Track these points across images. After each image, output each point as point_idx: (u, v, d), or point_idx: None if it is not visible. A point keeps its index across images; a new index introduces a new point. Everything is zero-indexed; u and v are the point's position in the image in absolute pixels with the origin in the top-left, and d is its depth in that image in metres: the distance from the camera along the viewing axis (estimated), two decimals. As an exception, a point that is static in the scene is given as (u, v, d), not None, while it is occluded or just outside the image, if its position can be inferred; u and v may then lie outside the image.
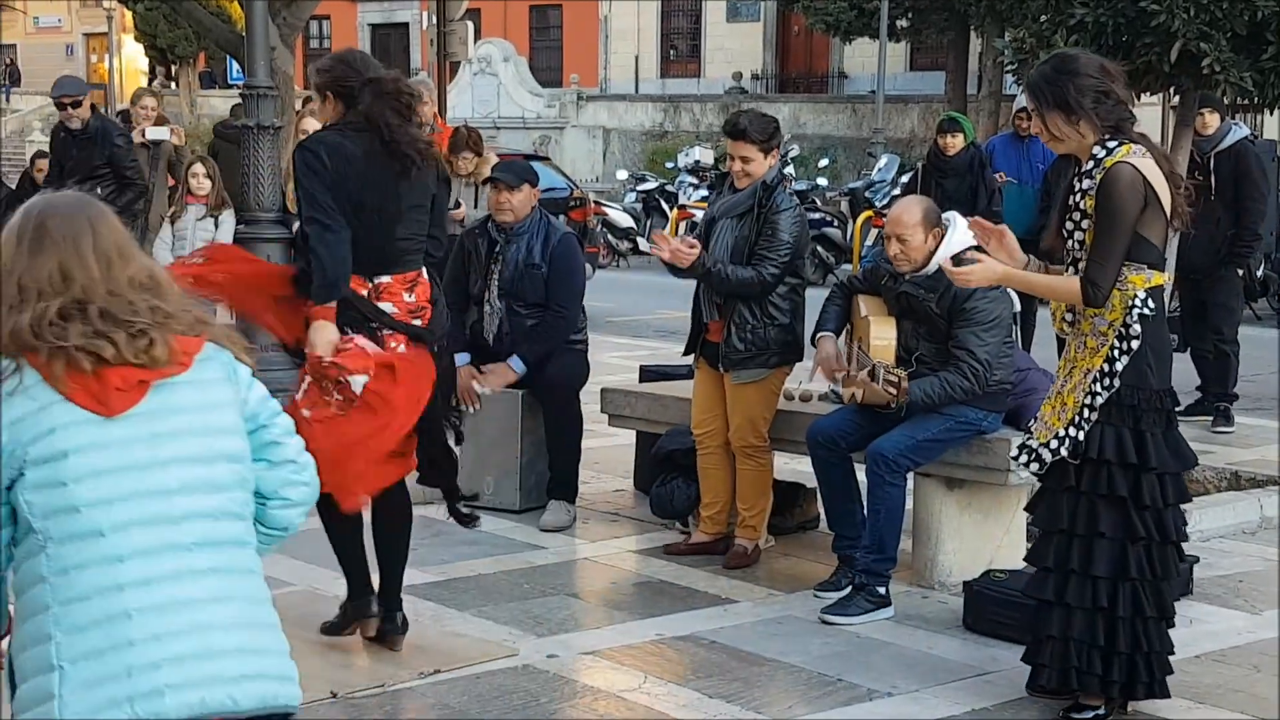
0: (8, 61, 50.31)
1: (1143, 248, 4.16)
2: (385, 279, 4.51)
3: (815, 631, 5.14)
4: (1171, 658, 4.35)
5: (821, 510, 6.10)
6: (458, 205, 8.37)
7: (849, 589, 5.35)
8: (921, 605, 5.44)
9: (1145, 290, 4.17)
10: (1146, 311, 4.16)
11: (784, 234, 5.73)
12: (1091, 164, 4.18)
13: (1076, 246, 4.22)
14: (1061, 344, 4.51)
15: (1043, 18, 8.35)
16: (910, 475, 5.45)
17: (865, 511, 5.44)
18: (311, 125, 9.83)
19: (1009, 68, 9.17)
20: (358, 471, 4.38)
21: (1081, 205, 4.19)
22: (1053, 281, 4.31)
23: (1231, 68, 7.80)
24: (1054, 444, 4.24)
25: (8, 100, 42.88)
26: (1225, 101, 8.49)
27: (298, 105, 11.18)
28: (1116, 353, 4.16)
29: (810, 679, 4.69)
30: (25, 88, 46.48)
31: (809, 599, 5.47)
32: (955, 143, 9.51)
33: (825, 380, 5.70)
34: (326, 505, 4.72)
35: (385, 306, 4.50)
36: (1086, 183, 4.18)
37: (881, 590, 5.29)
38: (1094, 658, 4.25)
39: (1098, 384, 4.18)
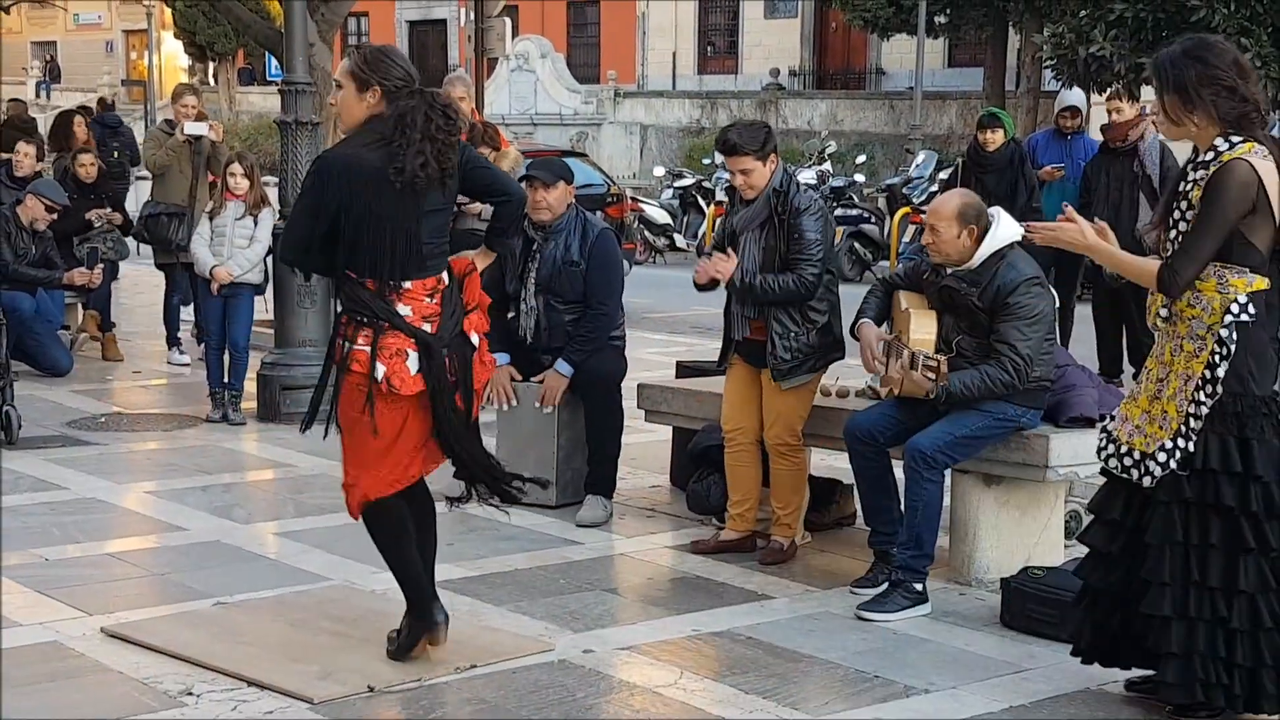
0: (48, 58, 50.76)
1: (1247, 251, 4.03)
2: (407, 285, 4.49)
3: (852, 628, 5.13)
4: None
5: (858, 506, 6.09)
6: (473, 200, 8.39)
7: (886, 585, 5.34)
8: (959, 602, 5.42)
9: (1246, 295, 4.03)
10: (1245, 317, 4.03)
11: (811, 234, 5.73)
12: (1210, 154, 4.04)
13: (1179, 237, 4.08)
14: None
15: (1082, 13, 8.33)
16: (948, 472, 5.44)
17: (902, 508, 5.42)
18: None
19: (1048, 63, 9.12)
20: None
21: (1190, 195, 4.05)
22: (1136, 260, 4.19)
23: (1273, 63, 7.74)
24: (1162, 456, 4.12)
25: (48, 97, 43.23)
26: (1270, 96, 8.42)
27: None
28: (1217, 358, 4.03)
29: (847, 675, 4.68)
30: (65, 84, 46.89)
31: (845, 595, 5.46)
32: (995, 138, 9.48)
33: (869, 368, 5.66)
34: (377, 521, 4.69)
35: (402, 309, 4.47)
36: (1199, 172, 4.04)
37: (919, 587, 5.28)
38: (1218, 669, 4.08)
39: (1200, 391, 4.06)
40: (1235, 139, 4.02)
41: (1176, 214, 4.11)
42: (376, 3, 41.39)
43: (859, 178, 22.65)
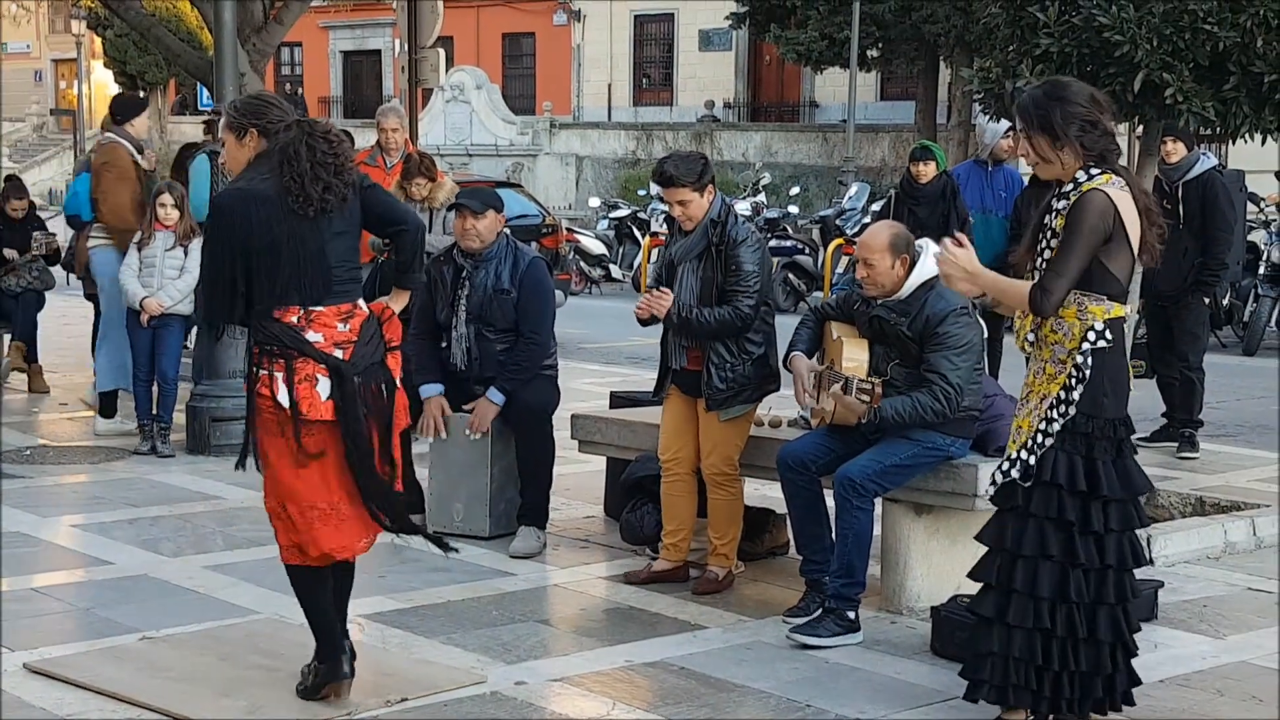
0: (-24, 88, 50.11)
1: (1106, 279, 4.22)
2: (319, 309, 4.49)
3: (784, 657, 5.15)
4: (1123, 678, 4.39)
5: (791, 536, 6.11)
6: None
7: (818, 612, 5.36)
8: (890, 630, 5.45)
9: (1104, 321, 4.21)
10: (1103, 344, 4.21)
11: (748, 265, 5.77)
12: (1070, 186, 4.24)
13: (1044, 265, 4.27)
14: None
15: (1009, 48, 8.42)
16: (878, 500, 5.48)
17: (834, 536, 5.45)
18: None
19: (976, 97, 9.26)
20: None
21: (1053, 225, 4.25)
22: (1010, 284, 4.36)
23: (1194, 98, 7.87)
24: (1005, 465, 4.32)
25: (-25, 127, 42.66)
26: (1190, 130, 8.56)
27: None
28: (1073, 380, 4.22)
29: (779, 704, 4.69)
30: (-6, 114, 46.28)
31: (778, 625, 5.47)
32: (928, 171, 9.57)
33: (800, 401, 5.71)
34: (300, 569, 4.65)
35: (312, 335, 4.46)
36: (1061, 203, 4.24)
37: (851, 615, 5.30)
38: (1030, 674, 4.30)
39: (1054, 410, 4.24)
40: (1095, 171, 4.23)
41: (1042, 243, 4.29)
42: (310, 33, 41.26)
43: (793, 209, 22.84)
